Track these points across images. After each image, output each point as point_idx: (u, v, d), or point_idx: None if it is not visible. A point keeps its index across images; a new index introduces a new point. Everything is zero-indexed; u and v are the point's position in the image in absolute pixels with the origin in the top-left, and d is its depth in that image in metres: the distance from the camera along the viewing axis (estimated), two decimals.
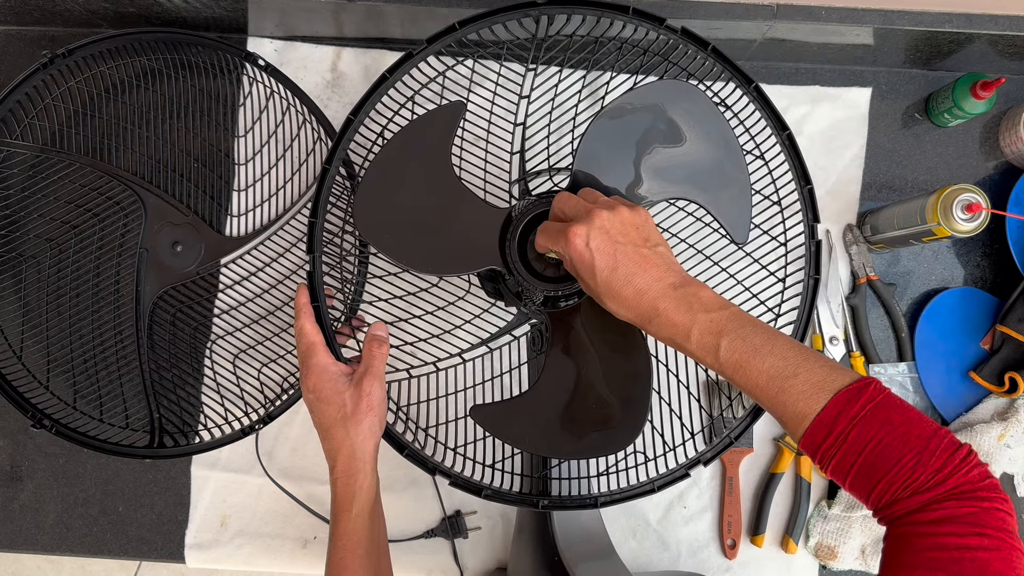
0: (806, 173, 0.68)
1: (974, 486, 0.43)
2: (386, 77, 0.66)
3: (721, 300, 0.52)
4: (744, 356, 0.49)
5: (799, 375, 0.48)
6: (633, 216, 0.54)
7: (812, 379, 0.48)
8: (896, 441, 0.45)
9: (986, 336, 0.86)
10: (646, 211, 0.55)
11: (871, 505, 0.47)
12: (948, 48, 0.84)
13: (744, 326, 0.50)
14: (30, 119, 0.81)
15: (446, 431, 0.68)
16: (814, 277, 0.68)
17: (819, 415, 0.47)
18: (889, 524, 0.46)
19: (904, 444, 0.45)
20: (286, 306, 0.82)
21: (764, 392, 0.49)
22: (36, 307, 0.82)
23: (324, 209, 0.66)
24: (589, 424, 0.60)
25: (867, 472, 0.45)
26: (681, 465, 0.66)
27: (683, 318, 0.51)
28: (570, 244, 0.53)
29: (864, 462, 0.45)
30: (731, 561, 0.84)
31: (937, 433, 0.45)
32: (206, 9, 0.82)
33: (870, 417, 0.46)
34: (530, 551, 0.75)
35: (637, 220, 0.54)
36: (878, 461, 0.45)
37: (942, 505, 0.43)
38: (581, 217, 0.53)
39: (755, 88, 0.68)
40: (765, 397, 0.49)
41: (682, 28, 0.67)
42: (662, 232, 0.71)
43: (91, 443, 0.78)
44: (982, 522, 0.42)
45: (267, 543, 0.85)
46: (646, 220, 0.54)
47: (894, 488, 0.44)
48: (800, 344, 0.50)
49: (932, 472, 0.43)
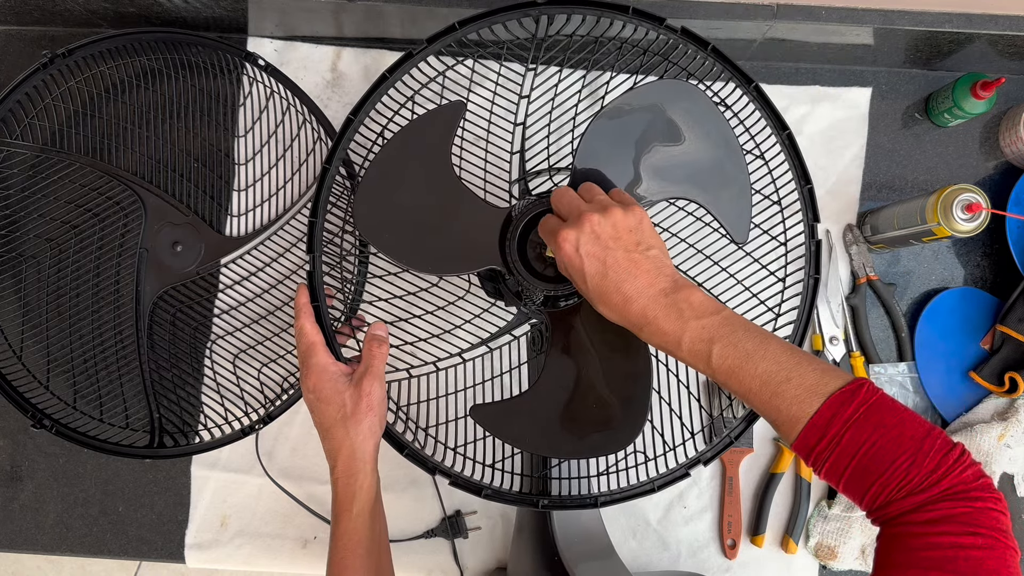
0: (806, 173, 0.68)
1: (968, 486, 0.43)
2: (386, 77, 0.66)
3: (713, 304, 0.52)
4: (736, 362, 0.49)
5: (792, 379, 0.48)
6: (626, 218, 0.53)
7: (805, 383, 0.48)
8: (890, 443, 0.45)
9: (986, 336, 0.86)
10: (642, 211, 0.54)
11: (865, 506, 0.47)
12: (948, 48, 0.84)
13: (736, 331, 0.50)
14: (30, 119, 0.81)
15: (446, 431, 0.68)
16: (814, 277, 0.68)
17: (812, 419, 0.47)
18: (883, 525, 0.46)
19: (898, 446, 0.45)
20: (286, 306, 0.82)
21: (758, 397, 0.49)
22: (36, 307, 0.82)
23: (324, 209, 0.66)
24: (589, 424, 0.60)
25: (861, 474, 0.46)
26: (681, 465, 0.66)
27: (673, 326, 0.51)
28: (560, 249, 0.52)
29: (858, 464, 0.45)
30: (731, 561, 0.84)
31: (931, 433, 0.45)
32: (206, 9, 0.82)
33: (863, 420, 0.46)
34: (530, 551, 0.75)
35: (630, 222, 0.53)
36: (872, 463, 0.45)
37: (937, 506, 0.43)
38: (572, 220, 0.53)
39: (755, 88, 0.68)
40: (759, 402, 0.49)
41: (682, 28, 0.67)
42: (661, 232, 0.71)
43: (91, 443, 0.78)
44: (976, 522, 0.42)
45: (267, 543, 0.85)
46: (640, 221, 0.53)
47: (888, 489, 0.45)
48: (793, 347, 0.50)
49: (926, 473, 0.44)
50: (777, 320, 0.69)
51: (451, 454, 0.68)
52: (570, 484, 0.68)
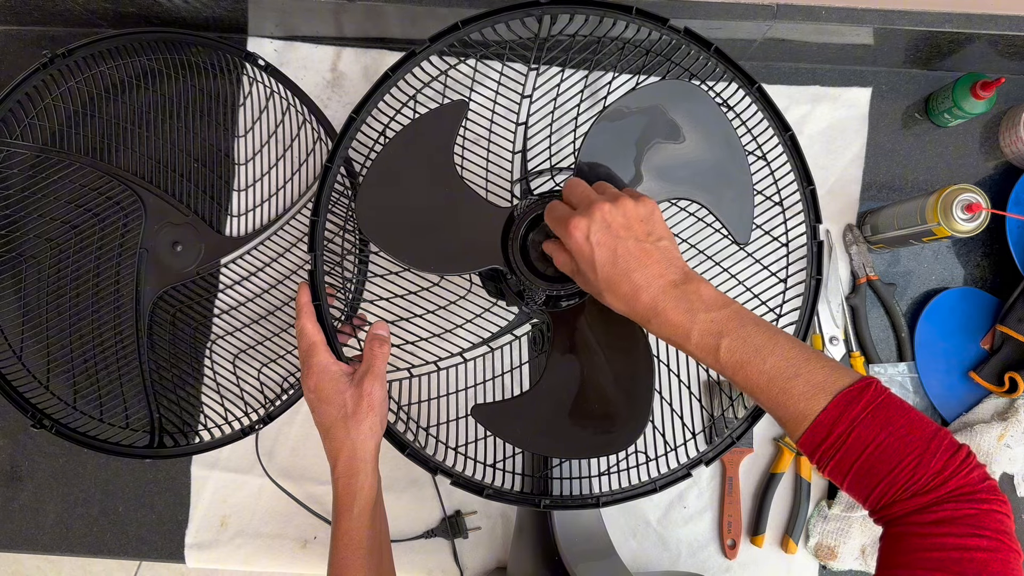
0: (808, 174, 0.68)
1: (973, 488, 0.43)
2: (389, 75, 0.66)
3: (723, 298, 0.51)
4: (745, 356, 0.49)
5: (800, 375, 0.48)
6: (637, 208, 0.52)
7: (813, 380, 0.47)
8: (897, 442, 0.45)
9: (986, 336, 0.86)
10: (653, 202, 0.54)
11: (869, 505, 0.47)
12: (948, 48, 0.84)
13: (745, 325, 0.50)
14: (30, 119, 0.81)
15: (447, 431, 0.68)
16: (816, 278, 0.68)
17: (819, 416, 0.47)
18: (887, 525, 0.46)
19: (905, 445, 0.45)
20: (286, 306, 0.82)
21: (765, 393, 0.49)
22: (36, 307, 0.82)
23: (326, 208, 0.66)
24: (591, 424, 0.60)
25: (867, 473, 0.46)
26: (683, 465, 0.66)
27: (683, 318, 0.50)
28: (570, 236, 0.52)
29: (864, 463, 0.45)
30: (731, 561, 0.84)
31: (937, 434, 0.45)
32: (206, 9, 0.82)
33: (871, 419, 0.46)
34: (531, 551, 0.76)
35: (641, 212, 0.53)
36: (878, 463, 0.45)
37: (942, 507, 0.43)
38: (583, 209, 0.53)
39: (758, 89, 0.68)
40: (766, 398, 0.49)
41: (685, 28, 0.67)
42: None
43: (91, 443, 0.78)
44: (981, 524, 0.42)
45: (267, 543, 0.85)
46: (651, 212, 0.53)
47: (894, 489, 0.45)
48: (802, 343, 0.50)
49: (933, 474, 0.44)
50: (779, 320, 0.68)
51: (452, 454, 0.68)
52: (571, 484, 0.68)
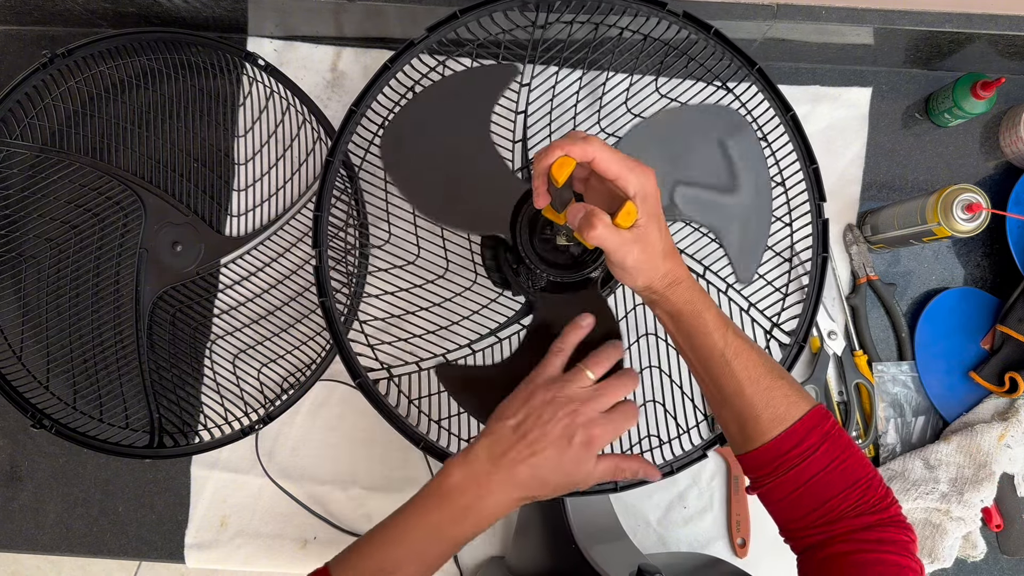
0: (811, 153, 0.68)
1: (901, 519, 0.51)
2: (388, 67, 0.66)
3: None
4: (745, 345, 0.53)
5: (785, 378, 0.53)
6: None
7: (795, 387, 0.53)
8: (855, 464, 0.51)
9: (986, 336, 0.86)
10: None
11: (809, 520, 0.51)
12: (948, 48, 0.84)
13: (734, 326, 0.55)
14: (30, 119, 0.81)
15: (459, 423, 0.68)
16: (822, 255, 0.68)
17: (800, 421, 0.51)
18: (822, 542, 0.50)
19: (862, 467, 0.51)
20: (286, 306, 0.82)
21: (756, 383, 0.52)
22: (36, 307, 0.82)
23: (328, 203, 0.66)
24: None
25: (824, 487, 0.50)
26: (697, 446, 0.66)
27: (703, 294, 0.54)
28: (647, 175, 0.50)
29: (824, 477, 0.50)
30: (740, 560, 0.84)
31: (875, 469, 0.52)
32: (206, 9, 0.82)
33: (838, 437, 0.51)
34: (542, 540, 0.75)
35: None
36: (839, 478, 0.50)
37: (886, 529, 0.49)
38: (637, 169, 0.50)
39: (758, 70, 0.68)
40: (756, 388, 0.52)
41: (684, 12, 0.67)
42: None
43: (91, 443, 0.78)
44: (910, 550, 0.50)
45: (267, 543, 0.85)
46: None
47: (845, 505, 0.50)
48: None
49: (879, 498, 0.50)
50: (785, 300, 0.70)
51: (464, 446, 0.67)
52: None
